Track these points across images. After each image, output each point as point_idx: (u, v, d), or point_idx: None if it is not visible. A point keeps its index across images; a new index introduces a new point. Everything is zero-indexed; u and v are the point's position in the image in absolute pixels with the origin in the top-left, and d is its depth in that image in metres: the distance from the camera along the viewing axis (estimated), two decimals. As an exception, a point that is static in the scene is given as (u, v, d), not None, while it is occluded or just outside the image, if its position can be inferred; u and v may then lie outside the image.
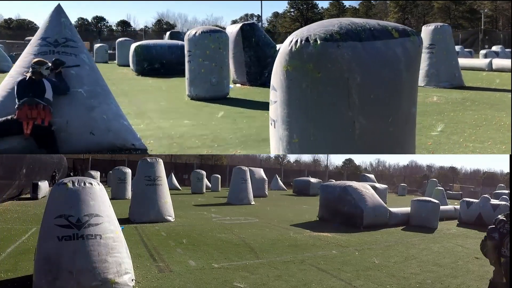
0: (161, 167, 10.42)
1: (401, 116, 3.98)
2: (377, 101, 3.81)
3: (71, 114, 6.01)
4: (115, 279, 4.30)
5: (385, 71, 3.77)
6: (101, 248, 4.31)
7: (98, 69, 6.81)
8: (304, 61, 3.78)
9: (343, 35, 3.71)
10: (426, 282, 5.32)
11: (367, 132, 3.85)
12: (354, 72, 3.69)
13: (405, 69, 3.85)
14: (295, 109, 3.96)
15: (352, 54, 3.66)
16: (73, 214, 4.31)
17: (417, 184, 41.45)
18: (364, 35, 3.76)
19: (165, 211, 9.99)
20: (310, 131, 3.94)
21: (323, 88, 3.79)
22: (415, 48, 3.92)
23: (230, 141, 7.33)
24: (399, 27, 3.99)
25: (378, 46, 3.75)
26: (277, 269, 5.60)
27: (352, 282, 5.12)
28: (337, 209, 10.72)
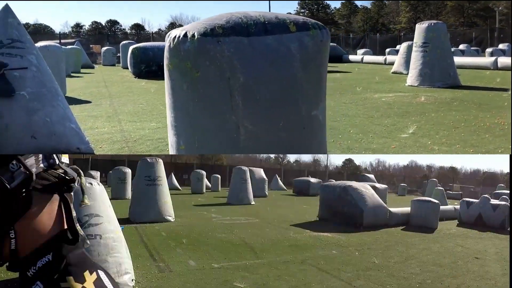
0: (161, 167, 10.42)
1: (297, 120, 3.54)
2: (265, 103, 3.40)
3: (11, 118, 5.82)
4: (115, 279, 4.29)
5: (274, 69, 3.37)
6: (101, 248, 4.31)
7: (48, 70, 6.57)
8: (182, 59, 3.41)
9: (226, 30, 3.29)
10: (426, 282, 5.32)
11: (253, 137, 3.45)
12: (237, 71, 3.29)
13: (301, 67, 3.44)
14: (179, 112, 3.58)
15: (234, 50, 3.27)
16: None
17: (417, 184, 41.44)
18: (253, 29, 3.34)
19: (165, 211, 9.99)
20: (194, 137, 3.57)
21: (203, 89, 3.39)
22: (315, 43, 3.48)
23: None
24: (299, 20, 3.53)
25: (268, 42, 3.34)
26: (277, 269, 5.60)
27: (352, 282, 5.12)
28: (337, 209, 10.72)
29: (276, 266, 5.79)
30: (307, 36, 3.43)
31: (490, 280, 5.56)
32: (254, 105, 3.38)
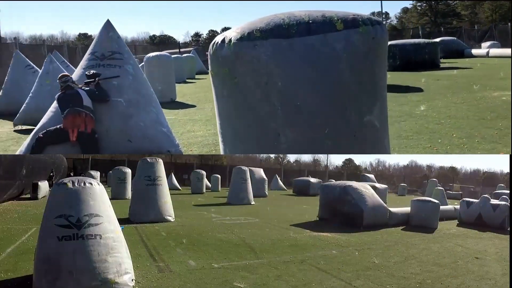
0: (161, 167, 10.42)
1: (345, 127, 3.25)
2: (306, 109, 3.11)
3: (110, 123, 6.31)
4: (115, 279, 4.30)
5: (317, 72, 3.08)
6: (101, 248, 4.31)
7: (144, 78, 7.14)
8: (220, 65, 3.25)
9: (265, 32, 3.07)
10: (426, 282, 5.32)
11: (296, 145, 3.21)
12: (274, 75, 3.06)
13: (349, 68, 3.13)
14: (223, 120, 3.47)
15: (272, 54, 3.05)
16: (73, 214, 4.31)
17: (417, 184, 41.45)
18: (295, 30, 3.08)
19: (165, 211, 9.99)
20: (237, 145, 3.43)
21: (241, 96, 3.22)
22: (366, 41, 3.16)
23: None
24: (348, 17, 3.21)
25: (310, 42, 3.06)
26: (277, 269, 5.60)
27: (352, 282, 5.12)
28: (337, 209, 10.72)
29: (276, 266, 5.79)
30: (356, 33, 3.12)
31: (490, 280, 5.56)
32: (295, 111, 3.11)
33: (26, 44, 41.20)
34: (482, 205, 11.70)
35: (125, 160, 29.13)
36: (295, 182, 26.40)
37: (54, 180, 17.00)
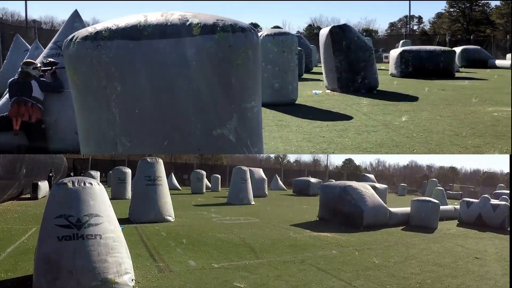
0: (161, 167, 10.42)
1: (189, 140, 2.99)
2: (146, 118, 2.89)
3: (60, 113, 6.21)
4: (115, 279, 4.30)
5: (162, 78, 2.83)
6: (101, 248, 4.31)
7: None
8: (67, 64, 3.06)
9: (114, 33, 2.84)
10: (426, 282, 5.32)
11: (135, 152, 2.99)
12: (114, 79, 2.83)
13: (198, 76, 2.86)
14: (77, 118, 3.25)
15: (114, 56, 2.81)
16: (73, 214, 4.31)
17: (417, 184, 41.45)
18: (148, 32, 2.85)
19: (165, 211, 9.99)
20: (84, 146, 3.28)
21: (83, 99, 3.01)
22: (221, 48, 2.88)
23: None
24: (209, 22, 2.91)
25: (158, 46, 2.81)
26: (277, 269, 5.60)
27: (352, 282, 5.12)
28: (337, 209, 10.72)
29: (276, 266, 5.79)
30: (210, 40, 2.85)
31: (490, 280, 5.56)
32: (134, 119, 2.86)
33: (46, 29, 41.66)
34: (482, 205, 11.70)
35: (125, 160, 29.13)
36: (295, 182, 26.39)
37: (54, 180, 17.00)
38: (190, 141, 2.98)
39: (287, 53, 10.39)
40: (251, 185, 16.32)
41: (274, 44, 10.27)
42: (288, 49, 10.37)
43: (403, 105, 10.68)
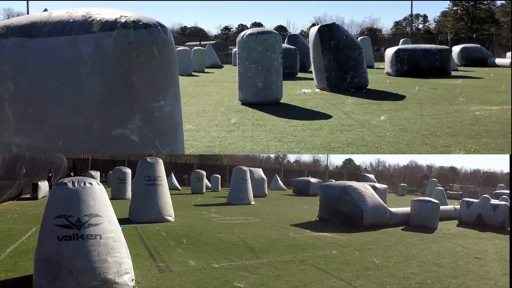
0: (161, 167, 10.42)
1: (85, 140, 2.88)
2: (41, 118, 2.78)
3: None
4: (115, 279, 4.30)
5: (56, 77, 2.72)
6: (101, 248, 4.31)
7: None
8: None
9: (11, 30, 2.75)
10: (426, 282, 5.32)
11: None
12: (7, 78, 2.75)
13: (95, 75, 2.73)
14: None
15: (9, 53, 2.72)
16: (73, 214, 4.31)
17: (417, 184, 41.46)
18: (47, 29, 2.73)
19: (165, 211, 9.99)
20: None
21: None
22: (120, 45, 2.73)
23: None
24: (110, 19, 2.79)
25: (53, 44, 2.71)
26: (277, 269, 5.60)
27: (352, 282, 5.12)
28: (337, 209, 10.72)
29: (276, 266, 5.79)
30: (109, 37, 2.73)
31: (490, 280, 5.56)
32: (27, 119, 2.75)
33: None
34: (482, 205, 11.70)
35: (125, 160, 29.13)
36: (295, 182, 26.39)
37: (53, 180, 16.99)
38: (87, 141, 2.86)
39: (270, 52, 10.25)
40: (251, 185, 16.33)
41: (257, 43, 10.14)
42: (271, 48, 10.24)
43: (388, 104, 10.52)
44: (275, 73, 10.36)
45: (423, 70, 18.65)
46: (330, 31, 12.45)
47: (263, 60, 10.24)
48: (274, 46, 10.32)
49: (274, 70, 10.35)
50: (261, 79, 10.22)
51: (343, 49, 12.45)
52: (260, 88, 10.20)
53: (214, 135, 7.88)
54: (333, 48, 12.40)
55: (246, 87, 10.46)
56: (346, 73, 12.54)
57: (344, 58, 12.50)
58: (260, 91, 10.26)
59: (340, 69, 12.51)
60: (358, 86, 12.56)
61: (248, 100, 10.44)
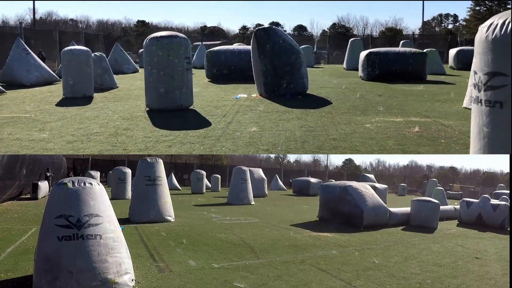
0: (161, 167, 10.42)
1: None
2: None
3: None
4: (115, 279, 4.30)
5: None
6: (101, 248, 4.31)
7: None
8: None
9: None
10: (426, 282, 5.32)
11: None
12: None
13: None
14: None
15: None
16: (73, 214, 4.31)
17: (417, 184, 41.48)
18: None
19: (165, 211, 9.99)
20: None
21: None
22: None
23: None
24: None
25: None
26: (277, 269, 5.60)
27: (352, 282, 5.12)
28: (337, 209, 10.73)
29: (276, 266, 5.79)
30: None
31: (490, 280, 5.56)
32: None
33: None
34: (482, 205, 11.71)
35: (125, 160, 29.13)
36: (295, 182, 26.41)
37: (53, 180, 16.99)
38: None
39: (173, 57, 9.96)
40: (251, 185, 16.33)
41: (158, 47, 9.79)
42: (174, 52, 9.87)
43: (297, 113, 9.42)
44: (179, 78, 9.95)
45: (395, 75, 17.61)
46: (266, 34, 12.00)
47: (165, 65, 9.85)
48: (178, 50, 9.90)
49: (178, 75, 9.94)
50: (163, 84, 9.88)
51: (279, 53, 12.01)
52: (162, 93, 9.87)
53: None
54: (269, 53, 11.93)
55: (150, 93, 10.08)
56: (281, 78, 12.02)
57: (280, 63, 12.00)
58: (163, 97, 9.89)
59: (276, 74, 12.00)
60: (294, 92, 11.87)
61: (152, 106, 10.11)
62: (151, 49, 9.81)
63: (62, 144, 6.83)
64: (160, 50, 9.69)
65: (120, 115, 9.64)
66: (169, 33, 10.20)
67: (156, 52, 9.73)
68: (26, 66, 16.35)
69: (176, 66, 9.82)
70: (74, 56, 12.72)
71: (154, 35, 10.10)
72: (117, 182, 16.89)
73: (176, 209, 10.85)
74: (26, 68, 16.29)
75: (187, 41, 10.10)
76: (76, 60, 12.70)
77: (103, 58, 15.91)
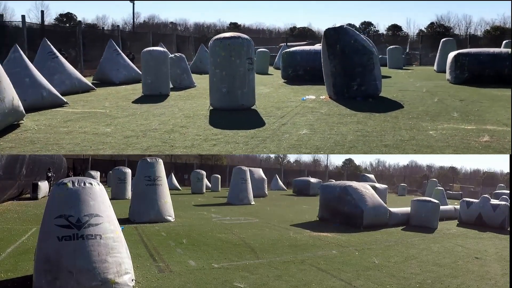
0: (161, 167, 10.42)
1: None
2: None
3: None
4: (115, 279, 4.30)
5: None
6: (101, 248, 4.31)
7: None
8: None
9: None
10: (426, 282, 5.32)
11: None
12: None
13: None
14: None
15: None
16: (73, 214, 4.31)
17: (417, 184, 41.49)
18: None
19: (165, 211, 9.99)
20: None
21: None
22: None
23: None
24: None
25: None
26: (277, 269, 5.60)
27: (352, 282, 5.12)
28: (337, 209, 10.73)
29: (276, 266, 5.79)
30: None
31: (490, 280, 5.56)
32: None
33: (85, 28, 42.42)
34: (482, 205, 11.71)
35: (125, 160, 29.14)
36: (295, 182, 26.40)
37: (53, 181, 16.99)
38: None
39: (235, 57, 10.11)
40: (251, 185, 16.33)
41: (221, 48, 9.96)
42: (236, 53, 9.92)
43: (361, 116, 8.97)
44: (240, 79, 10.10)
45: (488, 78, 16.04)
46: (336, 34, 11.57)
47: (226, 66, 10.06)
48: (240, 51, 10.05)
49: (239, 76, 10.09)
50: (225, 84, 10.07)
51: (349, 54, 11.49)
52: (224, 93, 10.04)
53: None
54: (339, 53, 11.50)
55: (213, 92, 10.30)
56: (352, 80, 11.52)
57: (350, 64, 11.53)
58: (225, 97, 10.06)
59: (346, 75, 11.54)
60: (366, 94, 11.36)
61: (215, 105, 10.31)
62: (214, 50, 10.06)
63: (119, 139, 6.96)
64: (223, 50, 9.92)
65: (184, 113, 9.89)
66: (232, 34, 10.47)
67: (219, 53, 9.96)
68: (116, 66, 17.46)
69: (238, 67, 10.03)
70: (152, 56, 13.33)
71: (218, 36, 10.38)
72: (117, 182, 16.90)
73: (176, 209, 10.85)
74: (116, 68, 17.42)
75: (249, 42, 10.33)
76: (154, 60, 13.26)
77: (182, 58, 16.39)
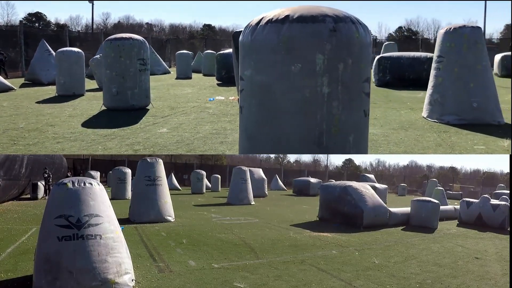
0: (161, 167, 10.42)
1: None
2: None
3: None
4: (115, 279, 4.30)
5: None
6: (101, 248, 4.31)
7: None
8: None
9: None
10: (426, 282, 5.32)
11: None
12: None
13: None
14: None
15: None
16: (73, 214, 4.31)
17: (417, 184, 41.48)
18: None
19: (165, 211, 9.99)
20: None
21: None
22: None
23: None
24: None
25: None
26: (277, 269, 5.60)
27: (352, 282, 5.12)
28: (337, 209, 10.72)
29: (276, 266, 5.79)
30: None
31: (490, 280, 5.56)
32: None
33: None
34: (482, 205, 11.70)
35: (125, 160, 29.12)
36: (295, 182, 26.39)
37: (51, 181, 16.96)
38: None
39: (125, 58, 10.21)
40: (251, 185, 16.33)
41: (111, 49, 10.12)
42: (126, 54, 10.15)
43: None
44: (130, 79, 10.19)
45: (408, 81, 16.76)
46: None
47: (116, 66, 10.16)
48: (130, 52, 10.19)
49: (130, 76, 10.19)
50: (115, 85, 10.16)
51: None
52: (114, 93, 10.12)
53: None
54: None
55: (104, 92, 10.48)
56: None
57: None
58: (115, 97, 10.16)
59: None
60: None
61: (107, 105, 10.42)
62: (105, 51, 10.32)
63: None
64: (113, 51, 10.13)
65: (72, 112, 10.36)
66: (124, 35, 10.62)
67: (109, 53, 10.16)
68: (47, 66, 18.03)
69: (128, 67, 10.17)
70: (65, 56, 13.35)
71: (109, 37, 10.62)
72: (117, 182, 16.89)
73: (176, 209, 10.84)
74: (46, 68, 17.97)
75: (141, 43, 10.43)
76: (67, 61, 13.30)
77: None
